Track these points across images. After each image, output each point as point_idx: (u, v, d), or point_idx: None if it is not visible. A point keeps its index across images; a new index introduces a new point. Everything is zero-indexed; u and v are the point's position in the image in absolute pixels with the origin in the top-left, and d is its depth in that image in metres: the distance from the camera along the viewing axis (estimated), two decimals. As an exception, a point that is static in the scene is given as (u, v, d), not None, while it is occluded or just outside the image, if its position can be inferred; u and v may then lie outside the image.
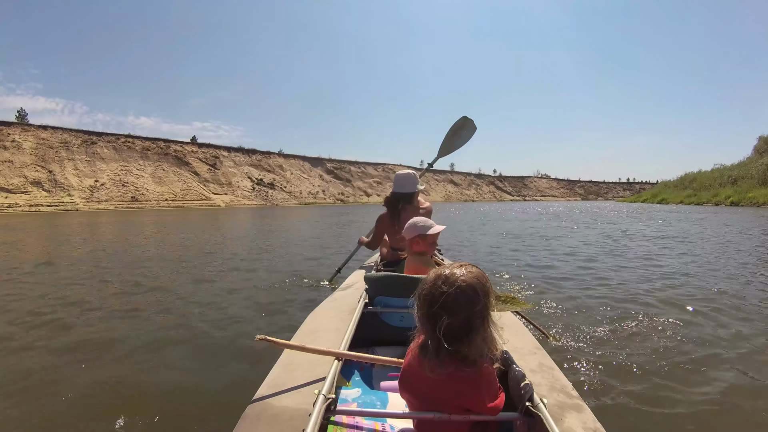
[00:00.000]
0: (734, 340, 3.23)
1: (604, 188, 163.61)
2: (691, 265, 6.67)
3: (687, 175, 53.19)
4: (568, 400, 1.30)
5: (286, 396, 1.31)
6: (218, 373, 2.76)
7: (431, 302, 1.11)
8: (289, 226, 17.32)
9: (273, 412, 1.23)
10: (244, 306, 4.34)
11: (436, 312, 1.10)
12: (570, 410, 1.24)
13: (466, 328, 1.10)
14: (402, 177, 3.36)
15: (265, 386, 1.38)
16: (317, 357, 1.54)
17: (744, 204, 34.70)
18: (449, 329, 1.09)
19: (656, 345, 3.08)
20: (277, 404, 1.27)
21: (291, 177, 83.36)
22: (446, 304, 1.09)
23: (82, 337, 3.45)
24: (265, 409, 1.25)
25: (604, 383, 2.48)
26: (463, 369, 1.12)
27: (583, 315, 3.81)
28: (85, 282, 5.67)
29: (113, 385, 2.58)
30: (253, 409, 1.25)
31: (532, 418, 1.18)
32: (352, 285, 2.67)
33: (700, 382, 2.52)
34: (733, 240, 10.38)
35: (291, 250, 9.27)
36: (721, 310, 4.01)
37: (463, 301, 1.10)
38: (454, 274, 1.13)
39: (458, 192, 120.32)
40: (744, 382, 2.56)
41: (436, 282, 1.13)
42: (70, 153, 58.42)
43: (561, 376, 1.46)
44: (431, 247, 2.41)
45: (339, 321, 1.97)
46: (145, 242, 11.41)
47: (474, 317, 1.10)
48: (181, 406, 2.35)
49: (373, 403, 1.49)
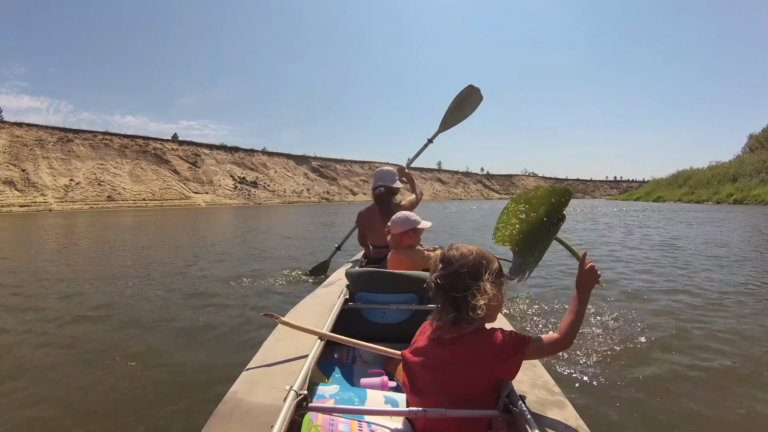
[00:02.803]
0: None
1: (591, 186, 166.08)
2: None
3: (681, 172, 51.82)
4: (550, 396, 1.28)
5: (261, 392, 1.28)
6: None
7: (445, 275, 1.21)
8: (275, 228, 16.30)
9: (245, 408, 1.20)
10: (228, 303, 4.27)
11: (451, 282, 1.20)
12: (551, 407, 1.22)
13: (477, 294, 1.17)
14: (388, 172, 3.37)
15: (239, 382, 1.35)
16: (294, 352, 1.53)
17: (748, 202, 32.62)
18: (463, 296, 1.18)
19: (646, 345, 3.01)
20: (251, 400, 1.23)
21: (275, 175, 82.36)
22: (459, 273, 1.19)
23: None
24: (238, 405, 1.22)
25: (588, 380, 2.45)
26: (480, 330, 1.22)
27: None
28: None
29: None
30: (226, 405, 1.21)
31: (511, 415, 1.18)
32: (335, 282, 2.64)
33: (685, 382, 2.48)
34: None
35: (276, 252, 8.88)
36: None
37: (474, 267, 1.20)
38: (460, 249, 1.25)
39: (446, 190, 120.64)
40: (733, 381, 2.50)
41: (447, 257, 1.24)
42: (45, 151, 57.00)
43: (543, 372, 1.45)
44: (418, 240, 2.54)
45: (319, 317, 1.94)
46: (123, 246, 10.30)
47: (483, 282, 1.19)
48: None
49: (351, 400, 1.44)
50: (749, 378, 2.53)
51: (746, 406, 2.21)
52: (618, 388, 2.35)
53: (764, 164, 37.81)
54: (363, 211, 3.43)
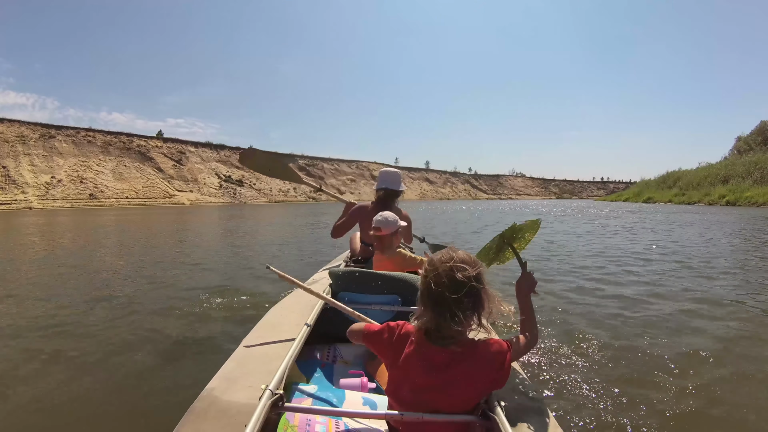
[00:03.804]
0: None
1: (578, 187, 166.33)
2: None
3: (670, 173, 51.36)
4: (529, 402, 1.29)
5: (237, 390, 1.27)
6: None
7: (436, 284, 1.17)
8: (261, 228, 16.16)
9: (221, 407, 1.19)
10: (207, 303, 4.43)
11: (442, 292, 1.16)
12: (529, 413, 1.23)
13: (469, 304, 1.17)
14: (394, 174, 3.23)
15: (216, 380, 1.34)
16: (273, 351, 1.52)
17: (741, 204, 32.53)
18: (456, 306, 1.15)
19: (624, 350, 3.13)
20: (226, 398, 1.22)
21: (261, 174, 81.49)
22: (449, 283, 1.16)
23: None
24: (213, 403, 1.21)
25: (568, 386, 2.50)
26: (472, 345, 1.21)
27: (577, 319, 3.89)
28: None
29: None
30: (201, 403, 1.21)
31: (489, 421, 1.17)
32: (318, 280, 2.60)
33: (667, 386, 2.56)
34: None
35: (260, 249, 9.14)
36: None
37: (459, 278, 1.16)
38: (458, 253, 1.21)
39: (433, 190, 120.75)
40: (715, 384, 2.61)
41: (436, 265, 1.19)
42: (27, 147, 55.99)
43: (523, 378, 1.45)
44: (400, 240, 2.57)
45: (300, 316, 1.91)
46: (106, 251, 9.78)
47: (476, 292, 1.17)
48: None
49: (329, 400, 1.44)
50: (737, 384, 2.62)
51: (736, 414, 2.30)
52: (597, 396, 2.40)
53: (756, 166, 37.82)
54: (362, 206, 3.25)
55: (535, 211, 29.67)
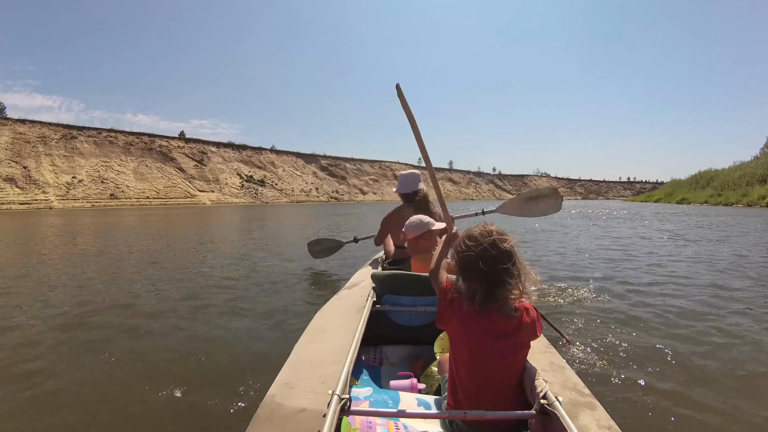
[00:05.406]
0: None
1: (604, 187, 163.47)
2: None
3: (702, 173, 48.60)
4: (581, 398, 1.29)
5: (297, 396, 1.27)
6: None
7: (484, 257, 1.23)
8: (284, 231, 14.05)
9: (285, 413, 1.20)
10: (249, 311, 3.90)
11: (493, 264, 1.23)
12: (583, 408, 1.23)
13: (516, 272, 1.24)
14: (408, 176, 3.37)
15: (275, 386, 1.34)
16: (325, 357, 1.53)
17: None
18: (507, 275, 1.23)
19: (673, 351, 2.81)
20: (289, 405, 1.23)
21: (283, 174, 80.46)
22: (498, 255, 1.23)
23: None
24: (277, 410, 1.22)
25: (616, 383, 2.38)
26: (515, 307, 1.28)
27: (602, 318, 3.49)
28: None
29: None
30: (264, 410, 1.21)
31: (547, 416, 1.17)
32: (358, 283, 2.57)
33: (718, 386, 2.36)
34: None
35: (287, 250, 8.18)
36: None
37: (506, 248, 1.24)
38: (489, 229, 1.27)
39: (457, 190, 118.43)
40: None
41: (479, 240, 1.25)
42: (48, 148, 55.73)
43: (572, 375, 1.46)
44: (435, 242, 2.48)
45: (346, 319, 1.89)
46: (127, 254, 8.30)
47: (514, 260, 1.25)
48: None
49: (386, 403, 1.46)
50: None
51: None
52: (647, 391, 2.28)
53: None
54: (390, 214, 3.43)
55: (573, 213, 25.54)
